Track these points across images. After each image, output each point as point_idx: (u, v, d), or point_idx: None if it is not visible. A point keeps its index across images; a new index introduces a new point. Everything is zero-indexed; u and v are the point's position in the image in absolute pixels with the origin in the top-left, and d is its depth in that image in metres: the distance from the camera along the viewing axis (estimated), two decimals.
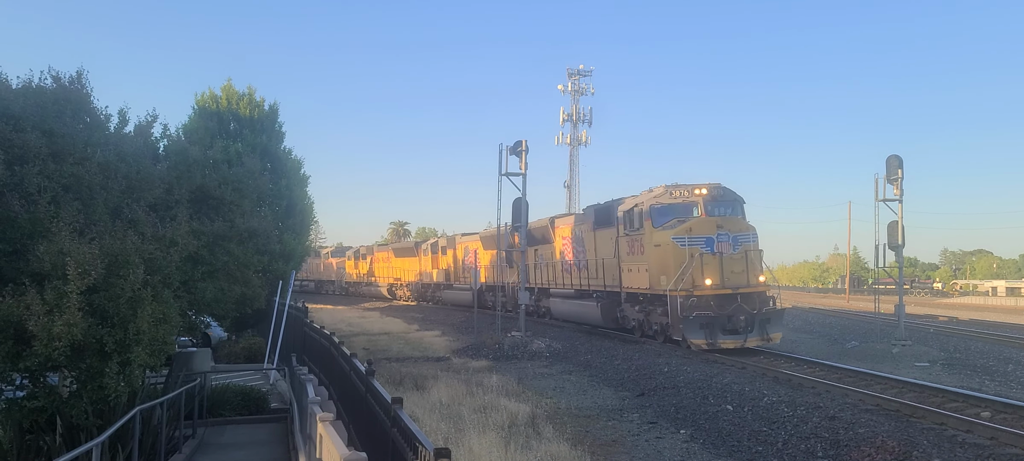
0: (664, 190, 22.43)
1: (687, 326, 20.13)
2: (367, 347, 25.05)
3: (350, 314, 44.38)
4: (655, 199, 22.34)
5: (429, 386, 16.43)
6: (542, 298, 34.32)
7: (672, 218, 21.87)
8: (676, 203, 22.07)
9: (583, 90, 61.38)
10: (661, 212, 22.14)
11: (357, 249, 71.77)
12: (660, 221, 22.00)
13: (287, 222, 31.30)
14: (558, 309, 31.59)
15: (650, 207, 22.23)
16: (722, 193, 22.27)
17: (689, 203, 22.07)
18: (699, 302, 20.41)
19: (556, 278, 31.73)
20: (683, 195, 22.12)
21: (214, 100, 32.15)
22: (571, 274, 29.60)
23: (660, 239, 21.64)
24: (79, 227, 9.66)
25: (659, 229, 21.85)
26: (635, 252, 23.08)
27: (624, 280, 24.17)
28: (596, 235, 26.63)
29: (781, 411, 12.94)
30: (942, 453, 9.96)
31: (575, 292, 29.05)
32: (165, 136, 16.49)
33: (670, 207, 22.10)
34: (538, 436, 11.74)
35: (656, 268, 21.69)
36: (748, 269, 21.15)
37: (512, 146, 27.90)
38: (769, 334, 20.45)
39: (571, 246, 29.63)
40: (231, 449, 12.49)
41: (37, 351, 8.56)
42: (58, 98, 11.27)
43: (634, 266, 23.28)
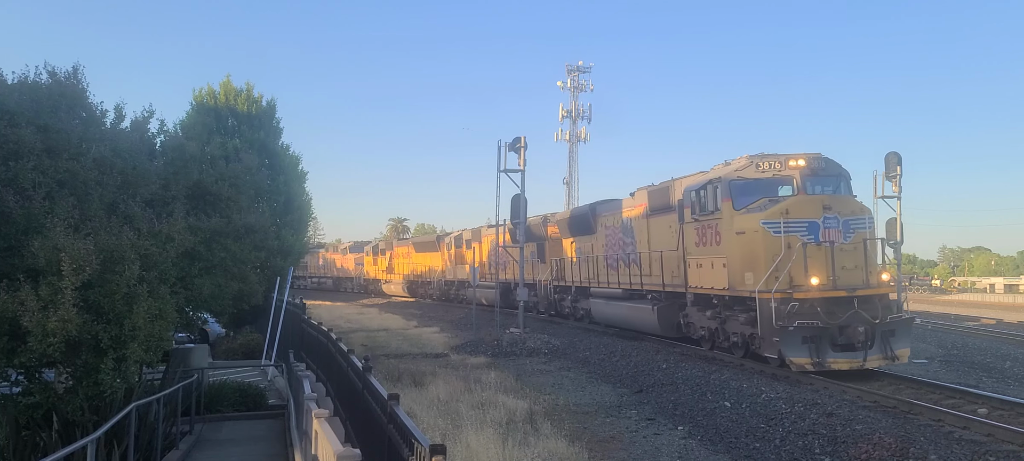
0: (747, 162, 17.63)
1: (785, 340, 15.22)
2: (365, 343, 25.02)
3: (349, 310, 44.39)
4: (736, 173, 17.44)
5: (427, 382, 16.41)
6: (580, 298, 29.47)
7: (759, 197, 17.03)
8: (763, 178, 17.23)
9: (582, 87, 61.32)
10: (744, 189, 17.21)
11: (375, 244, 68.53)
12: (743, 201, 17.11)
13: (285, 218, 31.31)
14: (601, 312, 26.57)
15: (729, 183, 17.26)
16: (824, 165, 17.46)
17: (781, 178, 17.28)
18: (801, 308, 15.37)
19: (598, 275, 26.62)
20: (773, 168, 17.31)
21: (212, 96, 32.14)
22: (618, 270, 24.79)
23: (744, 224, 16.78)
24: (74, 223, 9.63)
25: (742, 212, 16.95)
26: (707, 242, 18.20)
27: (691, 277, 19.19)
28: (650, 223, 22.11)
29: (779, 407, 12.93)
30: (939, 449, 9.95)
31: (623, 292, 24.12)
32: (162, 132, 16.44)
33: (756, 183, 17.21)
34: (536, 432, 11.72)
35: (738, 262, 16.83)
36: (866, 264, 16.28)
37: (511, 142, 27.89)
38: (894, 351, 15.45)
39: (618, 237, 25.07)
40: (228, 445, 12.48)
41: (32, 347, 8.54)
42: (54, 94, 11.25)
43: (705, 259, 18.32)
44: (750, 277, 16.45)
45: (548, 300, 32.95)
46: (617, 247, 25.16)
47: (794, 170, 17.16)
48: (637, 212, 23.39)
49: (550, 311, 33.06)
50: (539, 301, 33.93)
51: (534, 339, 24.48)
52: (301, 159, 34.64)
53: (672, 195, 20.54)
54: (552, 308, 32.81)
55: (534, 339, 24.48)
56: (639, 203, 23.26)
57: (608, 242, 26.10)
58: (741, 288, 16.78)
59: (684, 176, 20.19)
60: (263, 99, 33.31)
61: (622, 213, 24.92)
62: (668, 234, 20.77)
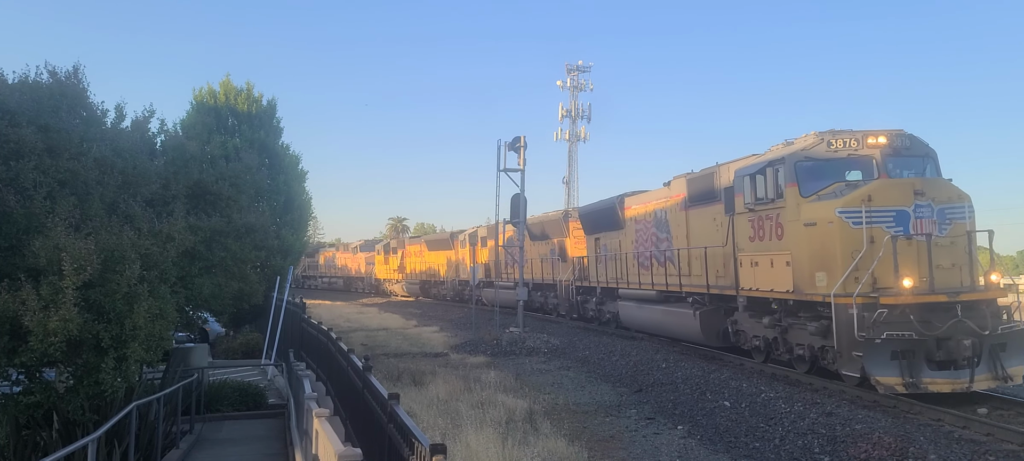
0: (816, 139, 14.95)
1: (871, 355, 12.49)
2: (365, 343, 25.04)
3: (348, 310, 44.40)
4: (803, 153, 14.83)
5: (427, 382, 16.44)
6: (607, 301, 26.75)
7: (831, 181, 14.49)
8: (837, 158, 14.68)
9: (582, 86, 61.31)
10: (814, 172, 14.65)
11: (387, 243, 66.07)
12: (813, 186, 14.52)
13: (285, 218, 31.36)
14: (631, 316, 23.63)
15: (796, 165, 14.66)
16: (909, 143, 14.84)
17: (858, 159, 14.71)
18: (890, 316, 12.64)
19: (628, 274, 23.83)
20: (848, 146, 14.73)
21: (212, 95, 32.18)
22: (651, 269, 22.09)
23: (815, 213, 14.11)
24: (75, 222, 9.64)
25: (812, 199, 14.35)
26: (766, 235, 15.55)
27: (743, 278, 16.36)
28: (689, 215, 19.53)
29: (778, 407, 12.95)
30: (938, 449, 9.97)
31: (658, 294, 21.34)
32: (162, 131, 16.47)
33: (828, 164, 14.68)
34: (536, 432, 11.74)
35: (806, 259, 14.15)
36: (969, 262, 13.73)
37: (510, 142, 27.92)
38: (1007, 369, 12.77)
39: (650, 231, 22.34)
40: (228, 444, 12.50)
41: (33, 347, 8.55)
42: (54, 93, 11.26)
43: (763, 257, 15.55)
44: (822, 278, 13.85)
45: (570, 302, 30.47)
46: (649, 243, 22.42)
47: (873, 149, 14.55)
48: (673, 203, 20.66)
49: (572, 314, 30.63)
50: (559, 303, 31.79)
51: (533, 338, 24.51)
52: (301, 158, 34.72)
53: (717, 182, 17.89)
54: (574, 311, 30.25)
55: (533, 338, 24.51)
56: (676, 193, 20.50)
57: (638, 238, 23.29)
58: (810, 291, 14.04)
59: (732, 160, 17.44)
60: (263, 98, 33.38)
61: (655, 205, 22.04)
62: (711, 227, 18.19)
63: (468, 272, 41.61)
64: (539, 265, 34.28)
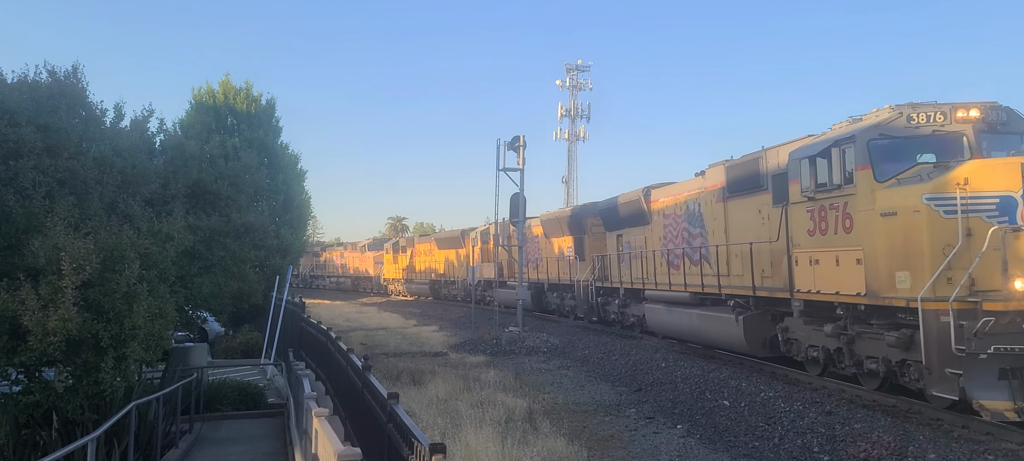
0: (892, 113, 12.63)
1: (973, 373, 10.36)
2: (364, 342, 25.05)
3: (348, 309, 44.42)
4: (877, 129, 12.54)
5: (426, 381, 16.44)
6: (631, 303, 24.46)
7: (913, 162, 12.25)
8: (917, 136, 12.41)
9: (581, 85, 61.28)
10: (892, 152, 12.38)
11: (396, 241, 63.30)
12: (890, 168, 12.22)
13: (284, 217, 31.38)
14: (659, 320, 21.34)
15: (870, 144, 12.36)
16: (1006, 118, 12.66)
17: (943, 136, 12.44)
18: (998, 326, 10.33)
19: (655, 274, 21.66)
20: (932, 121, 12.46)
21: (211, 95, 32.20)
22: (682, 268, 19.86)
23: (895, 200, 11.81)
24: (74, 222, 9.64)
25: (890, 183, 12.06)
26: (829, 228, 13.27)
27: (800, 278, 14.08)
28: (729, 207, 17.41)
29: (778, 406, 12.96)
30: (938, 448, 9.97)
31: (692, 296, 19.17)
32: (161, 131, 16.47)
33: (909, 143, 12.41)
34: (535, 431, 11.75)
35: (883, 256, 11.86)
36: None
37: (510, 141, 27.96)
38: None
39: (681, 226, 20.20)
40: (228, 444, 12.51)
41: (32, 346, 8.55)
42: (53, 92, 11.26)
43: (825, 253, 13.30)
44: (905, 278, 11.56)
45: (588, 304, 27.88)
46: (679, 239, 20.27)
47: (963, 124, 12.38)
48: (708, 194, 18.47)
49: (591, 317, 28.29)
50: (577, 305, 29.35)
51: (533, 338, 24.54)
52: (300, 158, 34.76)
53: (763, 168, 15.73)
54: (594, 313, 27.82)
55: (533, 338, 24.54)
56: (712, 182, 18.31)
57: (667, 234, 21.16)
58: (888, 294, 11.72)
59: (781, 143, 15.34)
60: (262, 98, 33.42)
61: (686, 196, 19.88)
62: (756, 220, 16.07)
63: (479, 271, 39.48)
64: (554, 264, 32.07)
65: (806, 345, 14.67)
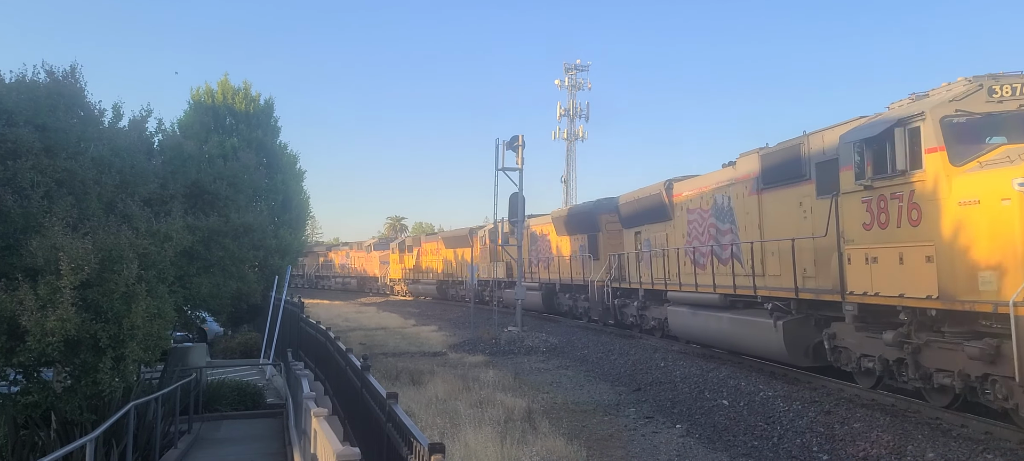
0: (969, 86, 10.82)
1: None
2: (363, 342, 25.04)
3: (347, 309, 44.42)
4: (953, 105, 10.72)
5: (425, 381, 16.44)
6: (651, 305, 22.70)
7: (994, 140, 10.57)
8: (1003, 112, 10.58)
9: (580, 85, 61.28)
10: (970, 131, 10.63)
11: (402, 240, 61.75)
12: (968, 151, 10.49)
13: (283, 217, 31.39)
14: (684, 325, 19.64)
15: (943, 122, 10.60)
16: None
17: None
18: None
19: (678, 274, 19.91)
20: (1018, 94, 10.66)
21: (210, 95, 32.20)
22: (709, 267, 18.18)
23: (977, 187, 10.13)
24: (72, 222, 9.63)
25: (969, 166, 10.38)
26: (889, 220, 11.51)
27: (854, 279, 12.37)
28: (764, 200, 15.79)
29: (777, 406, 12.96)
30: (937, 447, 9.97)
31: (722, 299, 17.40)
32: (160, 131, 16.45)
33: (992, 120, 10.62)
34: (534, 431, 11.75)
35: (962, 252, 10.22)
36: None
37: (508, 141, 27.94)
38: None
39: (707, 222, 18.54)
40: (227, 444, 12.50)
41: (31, 346, 8.54)
42: (51, 93, 11.24)
43: (886, 249, 11.61)
44: (990, 279, 9.83)
45: (603, 306, 25.80)
46: (705, 236, 18.63)
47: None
48: (740, 186, 16.77)
49: (607, 320, 26.13)
50: (591, 307, 27.47)
51: (532, 337, 24.54)
52: (298, 158, 34.75)
53: (804, 155, 14.18)
54: (610, 316, 25.67)
55: (532, 337, 24.54)
56: (744, 172, 16.60)
57: (691, 230, 19.52)
58: (969, 296, 10.05)
59: (827, 127, 13.68)
60: (261, 98, 33.40)
61: (714, 189, 18.20)
62: (796, 214, 14.46)
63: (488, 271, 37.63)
64: (567, 263, 30.16)
65: (858, 355, 12.93)
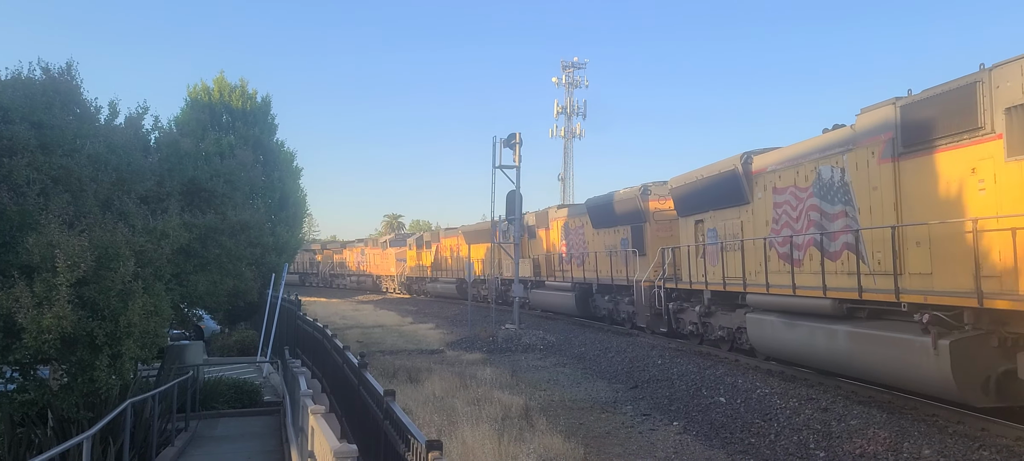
0: None
1: None
2: (361, 340, 25.04)
3: (344, 307, 44.40)
4: None
5: (422, 379, 16.43)
6: (719, 311, 18.54)
7: None
8: None
9: (577, 83, 61.38)
10: None
11: (420, 236, 58.29)
12: None
13: (280, 215, 31.34)
14: (771, 337, 15.30)
15: None
16: None
17: None
18: None
19: (765, 271, 15.71)
20: None
21: (206, 92, 32.13)
22: (807, 263, 14.51)
23: None
24: (68, 219, 9.61)
25: None
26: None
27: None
28: (902, 168, 11.96)
29: (774, 403, 12.98)
30: (933, 444, 10.00)
31: (837, 306, 13.15)
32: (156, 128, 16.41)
33: None
34: (532, 428, 11.75)
35: None
36: None
37: (506, 139, 27.93)
38: None
39: (806, 204, 14.61)
40: (224, 442, 12.48)
41: (27, 344, 8.52)
42: (47, 90, 11.20)
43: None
44: None
45: (652, 310, 21.80)
46: (803, 221, 14.70)
47: None
48: (862, 153, 12.83)
49: (656, 328, 22.15)
50: (636, 311, 23.26)
51: (529, 335, 24.54)
52: (296, 155, 34.71)
53: (982, 101, 10.24)
54: (661, 323, 21.68)
55: (529, 335, 24.54)
56: (870, 133, 12.67)
57: (781, 214, 15.54)
58: None
59: (1013, 57, 9.80)
60: (257, 95, 33.34)
61: (817, 160, 14.26)
62: (968, 185, 10.59)
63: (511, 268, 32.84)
64: (605, 260, 26.17)
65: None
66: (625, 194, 24.96)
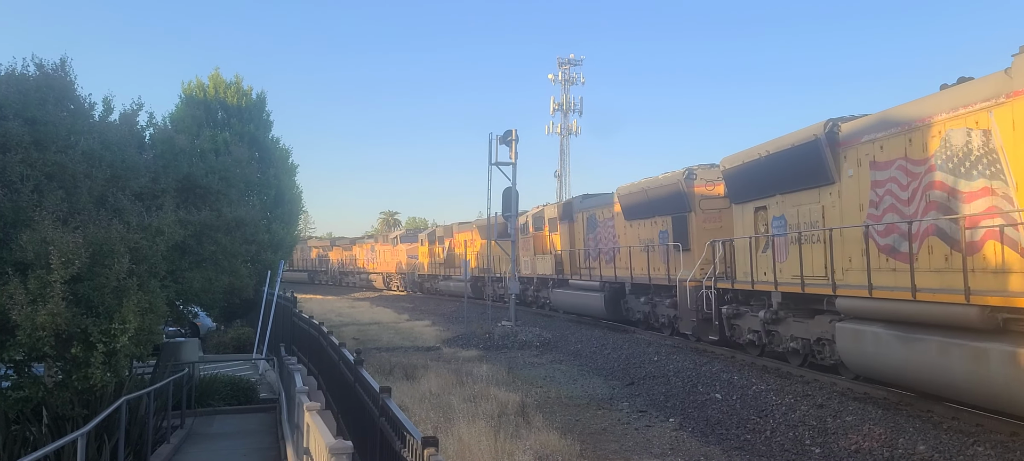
0: None
1: None
2: (357, 337, 25.02)
3: (340, 304, 44.36)
4: None
5: (419, 376, 16.43)
6: (789, 317, 15.42)
7: None
8: None
9: (573, 80, 61.41)
10: None
11: (432, 231, 54.69)
12: None
13: (275, 211, 31.28)
14: (873, 355, 12.21)
15: None
16: None
17: None
18: None
19: (867, 270, 12.44)
20: None
21: (201, 89, 32.06)
22: (920, 253, 11.50)
23: None
24: (63, 216, 9.56)
25: None
26: None
27: None
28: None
29: (769, 399, 13.00)
30: (928, 440, 10.02)
31: (986, 316, 9.86)
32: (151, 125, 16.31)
33: None
34: (528, 425, 11.75)
35: None
36: None
37: (502, 135, 27.91)
38: None
39: (924, 179, 11.46)
40: (219, 439, 12.47)
41: (21, 341, 8.49)
42: (41, 86, 11.13)
43: None
44: None
45: (700, 314, 18.76)
46: (916, 204, 11.62)
47: None
48: None
49: (705, 335, 18.97)
50: (680, 315, 20.03)
51: (525, 332, 24.54)
52: (291, 152, 34.66)
53: None
54: (708, 329, 18.62)
55: (525, 332, 24.54)
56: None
57: (882, 197, 12.46)
58: None
59: None
60: (252, 92, 33.26)
61: (943, 124, 11.06)
62: None
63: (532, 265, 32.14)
64: (640, 256, 22.93)
65: None
66: (665, 179, 21.59)
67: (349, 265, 75.34)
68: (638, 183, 23.47)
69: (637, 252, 23.30)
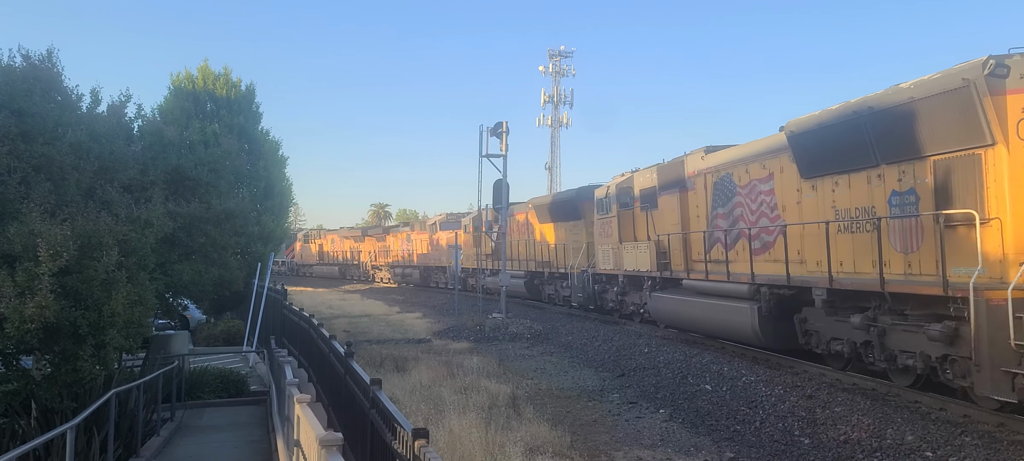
0: None
1: None
2: (347, 329, 24.98)
3: (330, 297, 44.26)
4: None
5: (409, 368, 16.42)
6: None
7: None
8: None
9: (564, 71, 61.35)
10: None
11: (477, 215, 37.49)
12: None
13: (265, 204, 31.17)
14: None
15: None
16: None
17: None
18: None
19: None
20: None
21: (190, 80, 31.86)
22: None
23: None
24: (50, 208, 9.48)
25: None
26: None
27: None
28: None
29: (759, 390, 13.06)
30: (916, 430, 10.10)
31: None
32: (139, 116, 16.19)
33: None
34: (519, 417, 11.77)
35: None
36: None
37: (492, 128, 27.87)
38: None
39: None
40: (210, 431, 12.44)
41: (9, 334, 8.42)
42: (28, 77, 11.03)
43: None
44: None
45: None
46: None
47: None
48: None
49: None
50: (978, 365, 9.75)
51: (516, 324, 24.56)
52: (281, 144, 34.54)
53: None
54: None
55: (516, 324, 24.56)
56: None
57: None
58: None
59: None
60: (242, 83, 33.09)
61: None
62: None
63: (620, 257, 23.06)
64: (846, 241, 12.91)
65: None
66: (934, 83, 10.52)
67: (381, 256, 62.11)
68: (849, 104, 12.20)
69: (842, 235, 13.04)
